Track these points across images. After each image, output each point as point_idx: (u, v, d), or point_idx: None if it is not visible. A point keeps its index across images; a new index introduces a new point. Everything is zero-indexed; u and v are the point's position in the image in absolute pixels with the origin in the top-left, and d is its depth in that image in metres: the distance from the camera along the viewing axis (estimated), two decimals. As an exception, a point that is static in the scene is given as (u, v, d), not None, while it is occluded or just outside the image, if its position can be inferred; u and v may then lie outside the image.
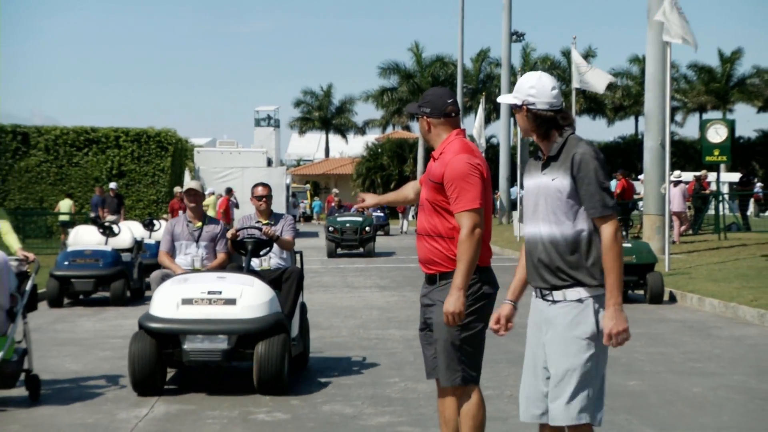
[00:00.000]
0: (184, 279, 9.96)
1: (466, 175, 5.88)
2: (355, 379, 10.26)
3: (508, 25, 48.22)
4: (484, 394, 6.29)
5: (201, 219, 11.20)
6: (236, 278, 9.80)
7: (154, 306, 9.57)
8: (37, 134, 40.85)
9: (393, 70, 68.02)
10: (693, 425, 8.25)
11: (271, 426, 8.34)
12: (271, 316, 9.44)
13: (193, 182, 11.41)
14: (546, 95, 5.37)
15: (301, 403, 9.14)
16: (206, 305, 9.38)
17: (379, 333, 13.66)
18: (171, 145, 41.78)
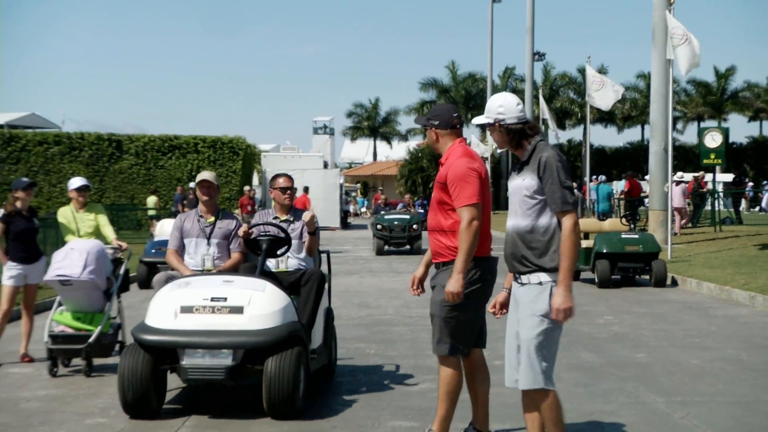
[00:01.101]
0: (185, 283, 7.54)
1: (465, 175, 5.94)
2: (399, 351, 10.27)
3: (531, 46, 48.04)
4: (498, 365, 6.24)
5: (214, 214, 8.58)
6: (245, 282, 7.45)
7: (150, 314, 7.27)
8: (128, 141, 41.22)
9: (431, 85, 68.09)
10: (692, 392, 8.18)
11: (331, 390, 8.35)
12: (283, 327, 7.16)
13: (208, 173, 8.64)
14: (513, 111, 5.45)
15: (355, 371, 9.14)
16: (208, 314, 7.09)
17: (420, 311, 13.62)
18: (241, 150, 41.94)
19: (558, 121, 65.10)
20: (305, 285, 7.98)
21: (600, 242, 17.06)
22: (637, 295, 15.94)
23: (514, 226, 5.44)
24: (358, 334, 11.50)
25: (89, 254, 9.17)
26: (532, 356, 5.32)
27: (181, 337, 7.04)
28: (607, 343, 10.80)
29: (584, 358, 9.82)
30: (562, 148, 70.03)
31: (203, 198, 8.58)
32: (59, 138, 41.16)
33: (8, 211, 10.17)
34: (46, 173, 39.85)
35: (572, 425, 6.96)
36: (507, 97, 5.55)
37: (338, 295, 15.80)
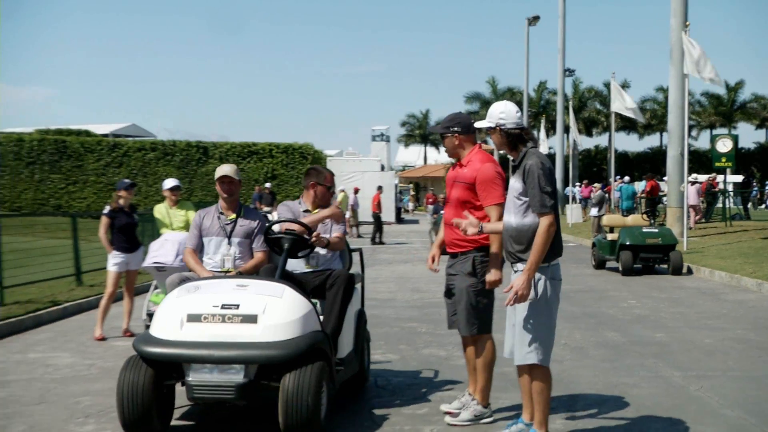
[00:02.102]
0: (194, 287, 5.89)
1: (494, 178, 5.93)
2: (447, 331, 10.19)
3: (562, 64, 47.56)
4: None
5: (236, 210, 6.94)
6: (261, 286, 5.85)
7: (155, 323, 5.71)
8: (213, 148, 41.65)
9: (475, 98, 67.75)
10: (706, 368, 8.05)
11: (385, 363, 8.36)
12: (303, 338, 5.53)
13: (228, 167, 6.96)
14: (513, 117, 5.41)
15: (407, 347, 9.15)
16: (218, 323, 5.49)
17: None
18: (310, 155, 42.15)
19: (586, 129, 64.48)
20: (330, 288, 6.37)
21: (623, 235, 16.91)
22: (656, 282, 15.74)
23: (507, 222, 5.41)
24: (411, 314, 11.50)
25: (180, 244, 9.26)
26: (524, 335, 5.31)
27: (186, 350, 5.38)
28: (630, 324, 10.68)
29: (610, 337, 9.72)
30: (590, 153, 69.45)
31: (223, 195, 6.90)
32: (155, 145, 41.75)
33: (113, 208, 10.35)
34: (144, 175, 40.43)
35: (599, 396, 6.91)
36: (508, 105, 5.50)
37: (394, 280, 15.86)
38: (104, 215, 10.41)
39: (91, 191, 40.51)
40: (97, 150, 40.90)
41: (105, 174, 40.57)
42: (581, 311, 11.84)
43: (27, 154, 40.51)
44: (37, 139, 41.08)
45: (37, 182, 40.52)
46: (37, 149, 40.54)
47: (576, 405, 6.62)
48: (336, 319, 6.25)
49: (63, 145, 40.83)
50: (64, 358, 8.61)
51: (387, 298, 13.26)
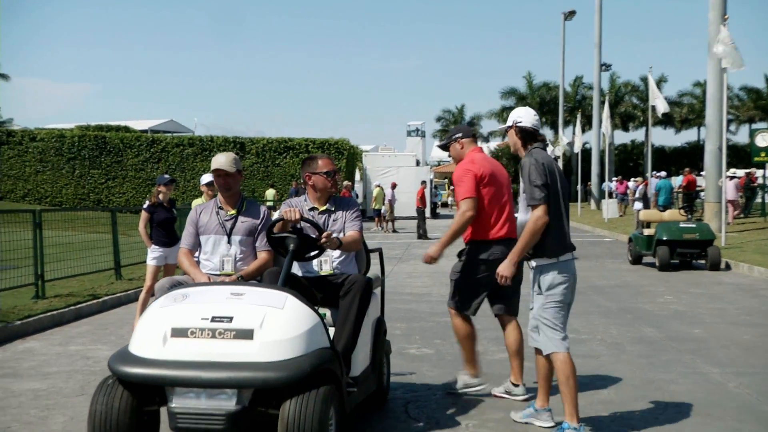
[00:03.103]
0: (182, 295, 4.95)
1: (462, 174, 6.36)
2: (483, 325, 10.14)
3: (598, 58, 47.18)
4: (579, 338, 6.14)
5: (237, 205, 5.97)
6: (259, 295, 4.91)
7: (134, 338, 4.75)
8: (250, 143, 41.87)
9: (511, 94, 67.33)
10: (744, 364, 7.93)
11: (420, 358, 8.33)
12: (308, 357, 4.58)
13: (222, 157, 5.91)
14: (530, 118, 5.74)
15: (443, 342, 9.12)
16: (207, 339, 4.54)
17: (500, 290, 13.56)
18: (346, 150, 42.20)
19: (622, 123, 63.83)
20: (345, 296, 5.54)
21: (661, 230, 16.73)
22: (694, 277, 15.54)
23: (520, 219, 5.69)
24: (446, 309, 11.41)
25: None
26: (541, 327, 5.56)
27: (169, 370, 4.43)
28: (667, 320, 10.55)
29: (647, 333, 9.61)
30: (626, 148, 68.77)
31: (222, 191, 5.97)
32: (193, 141, 42.08)
33: (152, 203, 10.45)
34: (182, 171, 40.79)
35: (636, 392, 6.83)
36: (528, 109, 5.83)
37: (429, 275, 15.82)
38: (144, 210, 10.50)
39: (130, 186, 40.97)
40: (136, 146, 41.35)
41: (144, 169, 41.01)
42: (618, 306, 11.73)
43: (68, 150, 41.08)
44: (77, 135, 41.65)
45: (78, 177, 41.07)
46: (78, 145, 41.09)
47: (613, 401, 6.56)
48: (350, 332, 5.44)
49: (103, 140, 41.33)
50: (103, 351, 8.70)
51: (422, 293, 13.23)
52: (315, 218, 5.83)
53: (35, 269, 11.94)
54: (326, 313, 5.63)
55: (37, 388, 7.13)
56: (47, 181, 41.08)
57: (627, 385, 7.08)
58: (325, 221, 5.88)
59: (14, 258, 11.83)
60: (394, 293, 13.04)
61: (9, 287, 11.42)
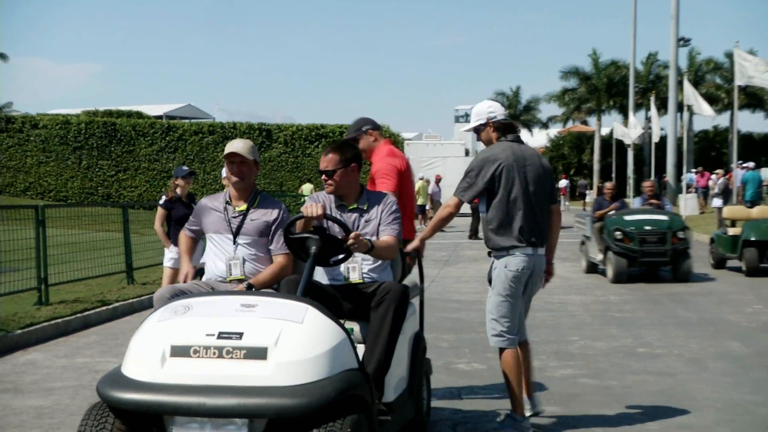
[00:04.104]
0: (184, 307, 4.69)
1: (387, 170, 6.68)
2: (540, 337, 10.15)
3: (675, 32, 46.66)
4: (653, 353, 6.09)
5: (248, 200, 5.75)
6: (274, 307, 4.63)
7: (128, 358, 4.51)
8: (278, 130, 42.09)
9: (573, 74, 66.99)
10: None
11: (470, 374, 8.32)
12: (331, 382, 4.30)
13: (239, 142, 5.83)
14: (501, 111, 6.36)
15: (496, 356, 9.06)
16: (213, 359, 4.29)
17: (562, 298, 13.52)
18: (385, 139, 42.30)
19: (703, 107, 63.05)
20: (377, 308, 5.25)
21: (748, 230, 16.49)
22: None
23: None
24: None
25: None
26: (486, 318, 6.32)
27: (168, 396, 4.19)
28: (756, 333, 10.41)
29: (732, 348, 9.49)
30: (708, 134, 67.95)
31: (233, 179, 5.75)
32: (213, 128, 42.44)
33: (170, 198, 10.58)
34: (201, 161, 41.14)
35: (719, 415, 6.75)
36: (493, 102, 6.44)
37: (480, 280, 15.75)
38: (160, 206, 10.64)
39: (143, 179, 41.43)
40: (150, 133, 41.80)
41: (159, 160, 41.44)
42: (697, 317, 11.60)
43: (74, 139, 41.62)
44: (84, 122, 42.14)
45: (85, 169, 41.62)
46: (85, 133, 41.62)
47: (692, 425, 6.49)
48: (383, 350, 5.16)
49: (113, 128, 41.83)
50: (113, 364, 8.77)
51: (472, 300, 13.21)
52: (342, 215, 5.64)
53: (38, 272, 12.10)
54: (354, 327, 5.37)
55: (40, 405, 7.23)
56: (51, 173, 41.68)
57: (708, 407, 7.00)
58: (355, 222, 5.62)
59: (14, 260, 11.99)
60: (440, 300, 13.04)
61: (9, 292, 11.59)
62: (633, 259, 15.65)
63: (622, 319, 11.48)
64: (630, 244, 15.62)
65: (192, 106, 68.82)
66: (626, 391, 7.48)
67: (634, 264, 15.78)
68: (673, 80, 46.00)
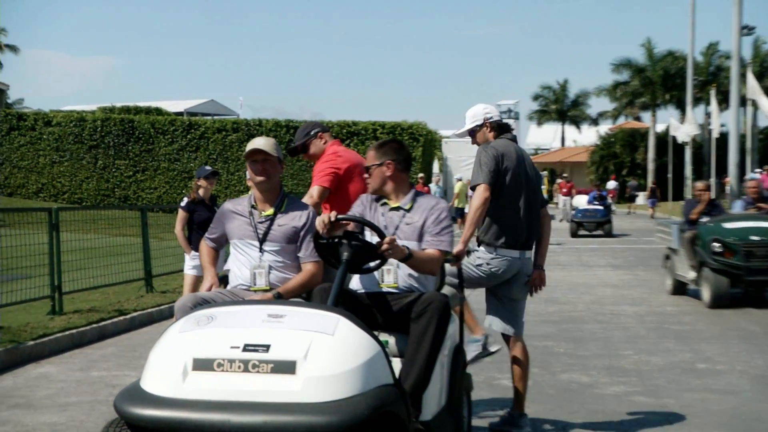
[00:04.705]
0: (207, 317, 4.71)
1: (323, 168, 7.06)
2: (590, 351, 10.11)
3: (738, 19, 46.22)
4: (714, 369, 6.03)
5: (275, 203, 5.73)
6: (304, 317, 4.63)
7: (147, 372, 4.49)
8: (306, 128, 42.23)
9: (625, 66, 66.65)
10: None
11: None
12: (365, 398, 4.26)
13: (262, 139, 5.74)
14: (496, 112, 6.85)
15: (541, 371, 9.06)
16: (238, 373, 4.29)
17: (613, 308, 13.45)
18: (421, 137, 42.25)
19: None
20: (417, 319, 5.18)
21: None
22: None
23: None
24: (545, 331, 11.40)
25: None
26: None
27: (189, 413, 4.20)
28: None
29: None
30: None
31: (258, 179, 5.69)
32: (237, 125, 42.58)
33: (191, 200, 10.62)
34: (225, 161, 41.33)
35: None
36: (487, 105, 6.87)
37: (525, 289, 15.71)
38: (181, 208, 10.69)
39: (163, 180, 41.70)
40: (170, 131, 42.06)
41: (179, 159, 41.69)
42: (763, 330, 11.50)
43: (89, 137, 41.98)
44: (100, 119, 42.48)
45: (101, 169, 41.96)
46: (101, 131, 41.96)
47: (757, 448, 6.42)
48: (422, 365, 5.11)
49: (130, 125, 42.14)
50: (131, 378, 8.85)
51: (516, 311, 13.16)
52: (384, 215, 5.66)
53: (51, 279, 12.20)
54: (389, 340, 5.35)
55: (53, 421, 7.30)
56: (65, 173, 42.06)
57: (775, 428, 6.93)
58: (396, 222, 5.64)
59: (26, 266, 12.12)
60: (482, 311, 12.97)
61: (20, 301, 11.70)
62: (736, 278, 13.58)
63: (679, 331, 11.39)
64: (732, 259, 13.50)
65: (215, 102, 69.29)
66: (685, 410, 7.42)
67: (738, 283, 13.76)
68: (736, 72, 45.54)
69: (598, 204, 31.58)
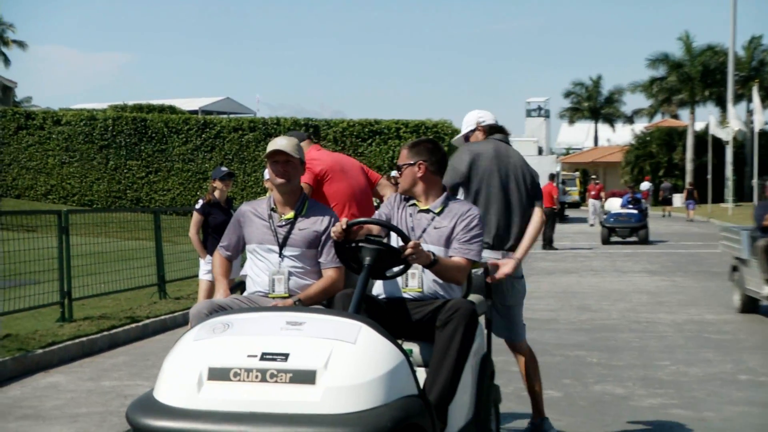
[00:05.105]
0: (223, 325, 4.73)
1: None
2: (625, 361, 10.06)
3: (781, 11, 45.91)
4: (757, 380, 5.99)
5: (296, 206, 5.75)
6: (325, 324, 4.64)
7: (160, 382, 4.52)
8: (326, 127, 42.18)
9: (661, 61, 66.33)
10: None
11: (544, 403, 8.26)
12: (388, 409, 4.26)
13: (283, 139, 5.87)
14: (491, 116, 7.12)
15: (573, 382, 9.04)
16: (255, 383, 4.29)
17: (649, 317, 13.38)
18: (447, 136, 42.12)
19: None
20: (443, 327, 5.13)
21: None
22: None
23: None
24: (578, 340, 11.37)
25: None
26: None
27: (205, 424, 4.23)
28: None
29: None
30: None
31: (277, 180, 5.72)
32: (254, 124, 42.63)
33: (207, 201, 10.65)
34: (241, 161, 41.40)
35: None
36: (481, 111, 7.17)
37: (556, 296, 15.69)
38: (196, 211, 10.73)
39: (176, 181, 41.84)
40: (184, 130, 42.20)
41: (194, 160, 41.81)
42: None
43: (100, 136, 42.19)
44: (111, 118, 42.66)
45: (112, 170, 42.15)
46: (112, 130, 42.16)
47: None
48: (448, 375, 5.07)
49: (143, 124, 42.32)
50: (144, 387, 8.88)
51: (547, 318, 13.15)
52: (412, 215, 5.66)
53: (60, 285, 12.24)
54: (413, 349, 5.31)
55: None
56: (74, 174, 42.27)
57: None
58: (421, 223, 5.61)
59: (34, 271, 12.16)
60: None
61: (29, 307, 11.76)
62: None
63: (720, 341, 11.33)
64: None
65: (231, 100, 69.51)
66: (726, 424, 7.39)
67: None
68: (779, 67, 45.34)
69: (632, 207, 30.54)
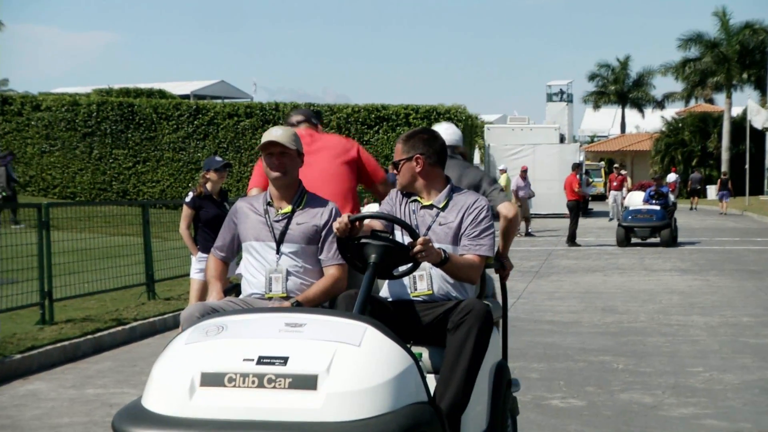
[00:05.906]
0: (217, 327, 4.69)
1: None
2: (654, 367, 10.08)
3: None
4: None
5: (293, 200, 5.68)
6: (327, 326, 4.63)
7: (150, 388, 4.48)
8: (329, 112, 42.15)
9: (694, 41, 65.94)
10: None
11: (566, 413, 8.30)
12: (395, 417, 4.23)
13: (278, 130, 5.71)
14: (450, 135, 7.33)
15: (597, 390, 9.05)
16: (252, 389, 4.25)
17: (681, 319, 13.38)
18: (461, 122, 42.06)
19: None
20: (455, 330, 5.07)
21: None
22: None
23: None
24: (602, 344, 11.38)
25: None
26: None
27: None
28: None
29: None
30: None
31: (273, 174, 5.64)
32: (251, 109, 42.64)
33: (198, 194, 10.64)
34: (237, 150, 41.43)
35: None
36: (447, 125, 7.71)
37: (578, 296, 15.69)
38: (186, 205, 10.74)
39: (166, 172, 41.88)
40: (175, 116, 42.21)
41: (185, 149, 41.85)
42: None
43: (83, 123, 42.18)
44: (96, 103, 42.60)
45: (96, 160, 42.18)
46: (97, 116, 42.15)
47: None
48: (461, 382, 5.00)
49: (130, 110, 42.32)
50: (131, 395, 8.91)
51: (569, 321, 13.17)
52: (414, 212, 5.57)
53: (40, 284, 12.28)
54: (423, 353, 5.27)
55: (43, 444, 7.37)
56: (56, 164, 42.30)
57: None
58: (425, 220, 5.53)
59: (13, 269, 12.21)
60: (529, 321, 13.01)
61: (5, 309, 11.80)
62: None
63: (758, 346, 11.33)
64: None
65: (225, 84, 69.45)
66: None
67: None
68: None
69: (655, 203, 28.62)
